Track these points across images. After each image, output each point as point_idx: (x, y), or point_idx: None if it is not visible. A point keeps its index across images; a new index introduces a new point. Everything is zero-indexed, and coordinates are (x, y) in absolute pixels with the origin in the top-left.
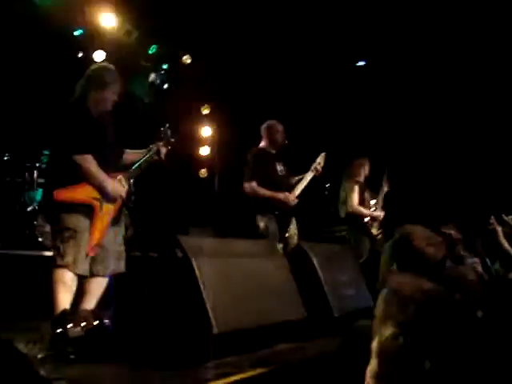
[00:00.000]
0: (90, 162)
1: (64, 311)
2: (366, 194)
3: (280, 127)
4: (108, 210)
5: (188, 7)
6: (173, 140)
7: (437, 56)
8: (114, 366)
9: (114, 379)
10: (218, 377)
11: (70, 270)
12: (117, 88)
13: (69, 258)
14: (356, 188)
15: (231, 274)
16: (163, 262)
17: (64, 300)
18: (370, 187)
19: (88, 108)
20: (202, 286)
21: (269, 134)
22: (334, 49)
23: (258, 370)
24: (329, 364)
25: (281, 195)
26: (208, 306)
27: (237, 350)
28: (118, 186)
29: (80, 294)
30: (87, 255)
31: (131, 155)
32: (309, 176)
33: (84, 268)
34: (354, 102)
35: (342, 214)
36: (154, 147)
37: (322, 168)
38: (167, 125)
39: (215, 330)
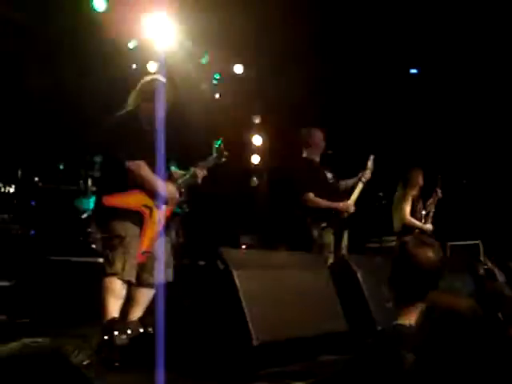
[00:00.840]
0: (143, 168)
1: (112, 319)
2: (419, 206)
3: (320, 134)
4: (158, 219)
5: (240, 17)
6: (226, 154)
7: (488, 65)
8: (156, 374)
9: None
10: None
11: (119, 278)
12: (167, 100)
13: (118, 266)
14: (410, 199)
15: (272, 286)
16: (206, 272)
17: (113, 308)
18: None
19: (139, 119)
20: (242, 298)
21: (310, 141)
22: (386, 56)
23: (298, 383)
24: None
25: (340, 205)
26: (248, 317)
27: (277, 361)
28: (170, 187)
29: (128, 302)
30: (137, 263)
31: (176, 173)
32: (361, 184)
33: (132, 274)
34: (405, 110)
35: (395, 223)
36: (192, 171)
37: (372, 173)
38: (221, 140)
39: (255, 342)
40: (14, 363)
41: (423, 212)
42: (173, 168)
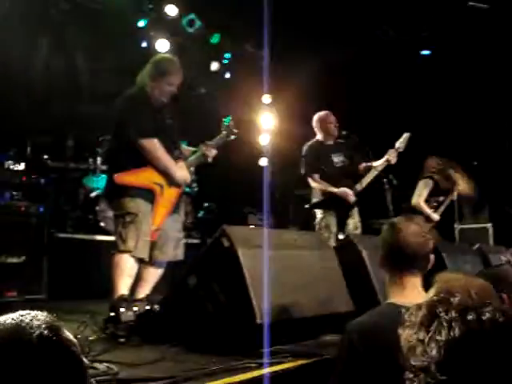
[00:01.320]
0: (157, 146)
1: (120, 296)
2: (433, 197)
3: (332, 118)
4: (170, 196)
5: None
6: (236, 131)
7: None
8: (161, 350)
9: (160, 363)
10: (260, 366)
11: (132, 255)
12: (177, 79)
13: (130, 243)
14: (430, 184)
15: (277, 265)
16: (211, 250)
17: (123, 285)
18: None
19: (149, 97)
20: (247, 276)
21: (321, 125)
22: (399, 37)
23: (300, 361)
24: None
25: (339, 191)
26: (252, 295)
27: (281, 340)
28: (183, 170)
29: (136, 279)
30: (147, 240)
31: (186, 150)
32: (380, 167)
33: (145, 252)
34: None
35: None
36: (201, 149)
37: (400, 153)
38: (230, 117)
39: (258, 320)
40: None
41: (435, 203)
42: (183, 146)
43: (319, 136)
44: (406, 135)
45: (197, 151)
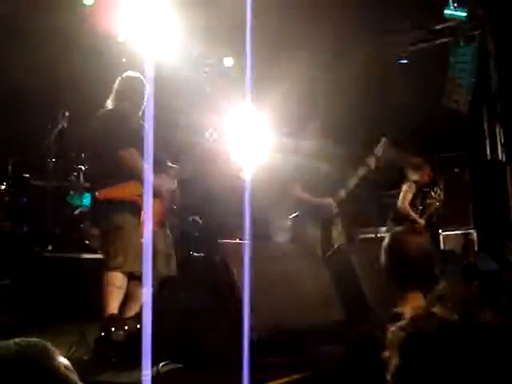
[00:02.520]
0: (135, 156)
1: (111, 316)
2: (418, 200)
3: (318, 126)
4: (156, 208)
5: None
6: (215, 139)
7: None
8: (154, 370)
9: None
10: (257, 381)
11: (121, 272)
12: (142, 96)
13: (119, 259)
14: (413, 188)
15: (270, 278)
16: (204, 264)
17: (113, 304)
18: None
19: (121, 114)
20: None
21: (308, 133)
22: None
23: (296, 375)
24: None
25: (324, 202)
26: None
27: (275, 352)
28: (163, 180)
29: (126, 298)
30: (138, 254)
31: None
32: (355, 178)
33: (136, 265)
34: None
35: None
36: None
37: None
38: (211, 129)
39: (254, 336)
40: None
41: (420, 207)
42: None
43: (304, 144)
44: (383, 140)
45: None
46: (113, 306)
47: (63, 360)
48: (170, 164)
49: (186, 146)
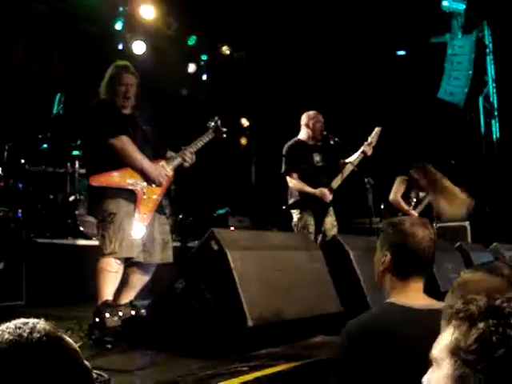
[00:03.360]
0: (127, 143)
1: (106, 301)
2: (413, 194)
3: (320, 117)
4: (152, 196)
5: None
6: (225, 130)
7: None
8: (149, 355)
9: (148, 368)
10: (252, 369)
11: (117, 257)
12: (126, 78)
13: (115, 245)
14: (405, 182)
15: (266, 267)
16: (199, 253)
17: (108, 290)
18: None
19: (114, 103)
20: (236, 279)
21: (308, 124)
22: (374, 37)
23: (292, 363)
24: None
25: (317, 192)
26: (243, 298)
27: (271, 342)
28: (160, 168)
29: (122, 284)
30: (132, 240)
31: (170, 153)
32: (348, 169)
33: (131, 251)
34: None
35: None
36: (179, 155)
37: (373, 147)
38: (217, 117)
39: (250, 323)
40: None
41: (414, 199)
42: (168, 151)
43: (302, 134)
44: (377, 129)
45: (175, 157)
46: (107, 292)
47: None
48: (169, 152)
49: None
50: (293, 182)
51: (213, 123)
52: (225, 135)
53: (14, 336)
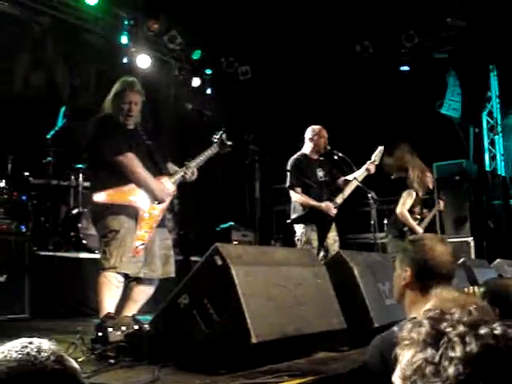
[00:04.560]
0: (133, 160)
1: (108, 315)
2: (417, 209)
3: (324, 132)
4: (153, 212)
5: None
6: (230, 143)
7: None
8: (152, 370)
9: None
10: None
11: (117, 272)
12: (131, 96)
13: (115, 260)
14: (413, 195)
15: (270, 283)
16: (203, 268)
17: (109, 303)
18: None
19: (117, 119)
20: (240, 295)
21: (312, 138)
22: (377, 53)
23: (296, 380)
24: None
25: (322, 205)
26: (247, 314)
27: (275, 359)
28: (163, 186)
29: (124, 299)
30: (133, 256)
31: (173, 168)
32: (353, 185)
33: (130, 268)
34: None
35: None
36: (182, 170)
37: (377, 165)
38: (222, 131)
39: (253, 340)
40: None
41: (418, 216)
42: (169, 164)
43: (306, 149)
44: (380, 148)
45: (178, 172)
46: (108, 306)
47: (72, 363)
48: (171, 166)
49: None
50: (297, 197)
51: (218, 137)
52: (229, 149)
53: (23, 355)
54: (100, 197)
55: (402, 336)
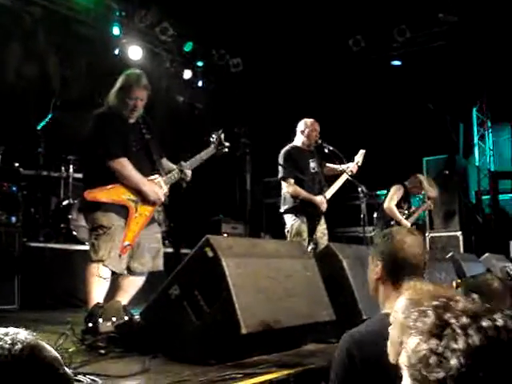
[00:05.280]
0: (126, 166)
1: (96, 305)
2: (406, 205)
3: (316, 126)
4: (144, 212)
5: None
6: (227, 144)
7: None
8: (142, 361)
9: (145, 375)
10: (245, 376)
11: (105, 265)
12: (139, 92)
13: (103, 253)
14: (401, 190)
15: (260, 275)
16: (194, 260)
17: (98, 294)
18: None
19: (117, 114)
20: (231, 286)
21: (304, 131)
22: (368, 47)
23: (285, 371)
24: None
25: (317, 199)
26: (237, 305)
27: (264, 350)
28: (157, 188)
29: (114, 289)
30: (120, 255)
31: (168, 164)
32: (343, 178)
33: (118, 266)
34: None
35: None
36: (177, 173)
37: (359, 166)
38: (221, 130)
39: (243, 331)
40: None
41: (406, 212)
42: (164, 160)
43: (298, 141)
44: (362, 151)
45: (173, 173)
46: (97, 296)
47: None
48: (165, 161)
49: None
50: (291, 188)
51: (215, 137)
52: (227, 150)
53: None
54: (91, 195)
55: (408, 324)
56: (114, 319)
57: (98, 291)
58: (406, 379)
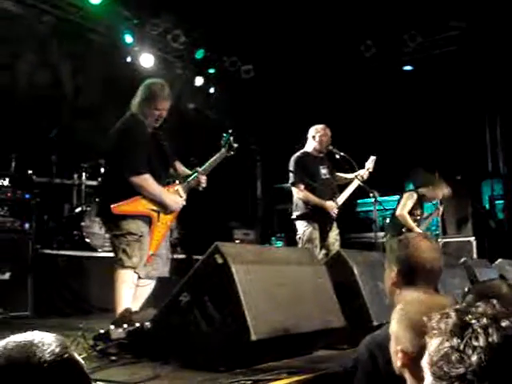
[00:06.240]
0: (148, 182)
1: (128, 309)
2: (418, 212)
3: (327, 131)
4: (166, 221)
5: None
6: (236, 146)
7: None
8: (153, 367)
9: (152, 381)
10: (255, 383)
11: (136, 272)
12: (164, 103)
13: (135, 260)
14: (414, 197)
15: (270, 281)
16: (204, 267)
17: (127, 300)
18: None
19: (141, 124)
20: (241, 293)
21: (315, 137)
22: (380, 53)
23: (295, 377)
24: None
25: (327, 204)
26: (247, 312)
27: (274, 356)
28: (178, 198)
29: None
30: (145, 264)
31: (181, 168)
32: (355, 184)
33: (143, 273)
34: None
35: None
36: (194, 178)
37: (370, 173)
38: (230, 132)
39: (253, 337)
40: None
41: (418, 218)
42: (177, 164)
43: (309, 147)
44: (372, 158)
45: (191, 176)
46: (126, 302)
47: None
48: (179, 165)
49: None
50: (301, 194)
51: (225, 139)
52: (233, 152)
53: (27, 343)
54: (118, 209)
55: (431, 325)
56: (125, 326)
57: (127, 297)
58: (427, 378)
